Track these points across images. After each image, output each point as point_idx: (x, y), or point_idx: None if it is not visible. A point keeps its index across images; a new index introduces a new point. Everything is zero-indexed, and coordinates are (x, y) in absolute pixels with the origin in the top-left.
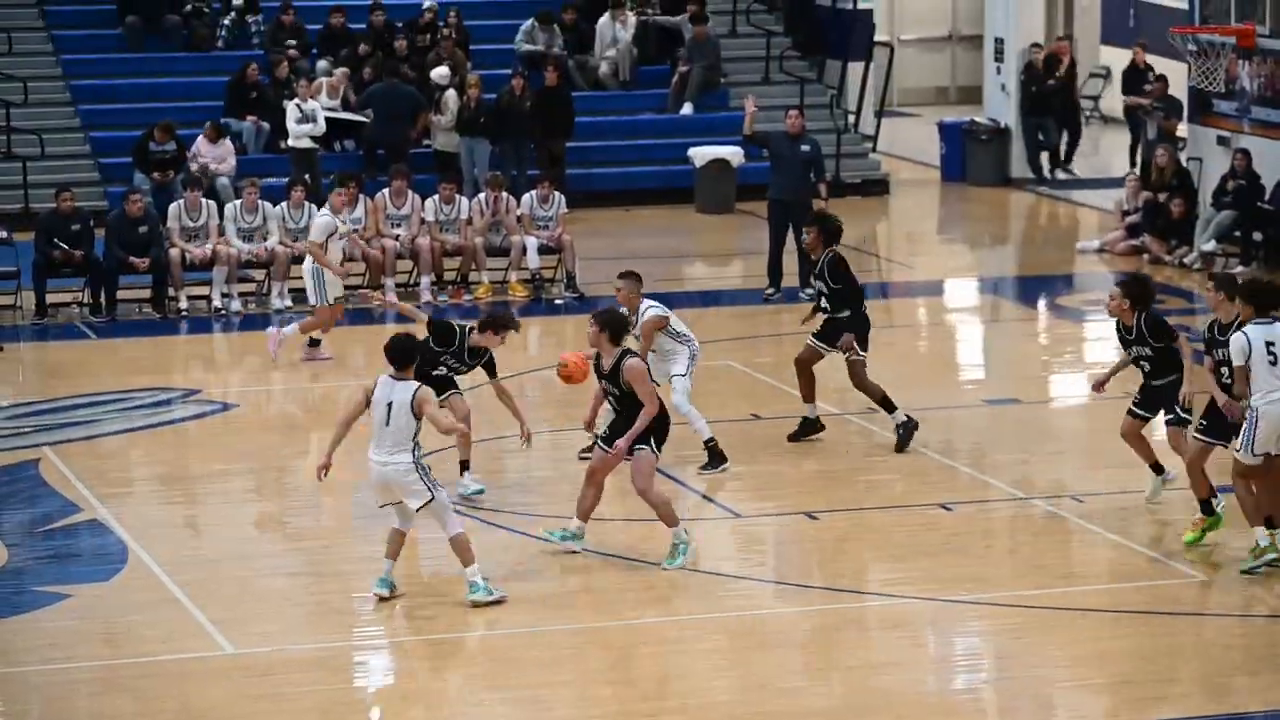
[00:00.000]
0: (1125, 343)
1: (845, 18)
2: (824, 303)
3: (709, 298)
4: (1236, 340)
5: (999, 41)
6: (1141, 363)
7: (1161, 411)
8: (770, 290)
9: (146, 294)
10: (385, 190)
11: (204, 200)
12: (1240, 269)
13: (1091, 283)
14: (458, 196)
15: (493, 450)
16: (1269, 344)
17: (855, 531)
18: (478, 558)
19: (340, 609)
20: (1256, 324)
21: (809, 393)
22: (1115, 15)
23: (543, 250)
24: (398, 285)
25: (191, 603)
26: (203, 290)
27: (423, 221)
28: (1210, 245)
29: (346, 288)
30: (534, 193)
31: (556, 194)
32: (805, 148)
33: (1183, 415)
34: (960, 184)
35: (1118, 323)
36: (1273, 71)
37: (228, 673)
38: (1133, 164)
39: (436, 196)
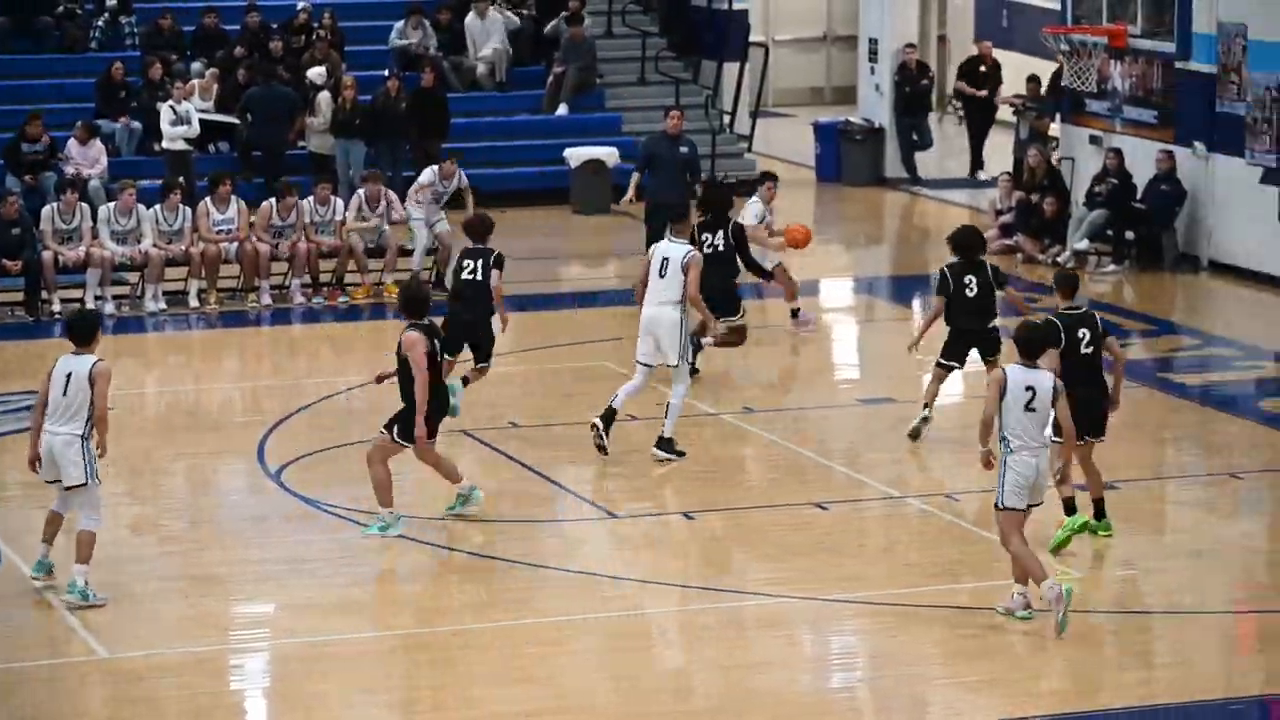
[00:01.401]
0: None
1: (721, 18)
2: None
3: (585, 299)
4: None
5: (873, 42)
6: None
7: None
8: None
9: (19, 297)
10: (273, 201)
11: (79, 203)
12: (1113, 268)
13: None
14: (333, 198)
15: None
16: (1028, 388)
17: (732, 531)
18: (368, 562)
19: (216, 612)
20: (1017, 365)
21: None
22: (988, 16)
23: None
24: (272, 288)
25: (64, 607)
26: (76, 293)
27: (305, 228)
28: (1083, 244)
29: (220, 290)
30: (436, 174)
31: (460, 172)
32: (683, 149)
33: None
34: (835, 184)
35: None
36: (1144, 71)
37: (101, 677)
38: (977, 164)
39: (312, 198)
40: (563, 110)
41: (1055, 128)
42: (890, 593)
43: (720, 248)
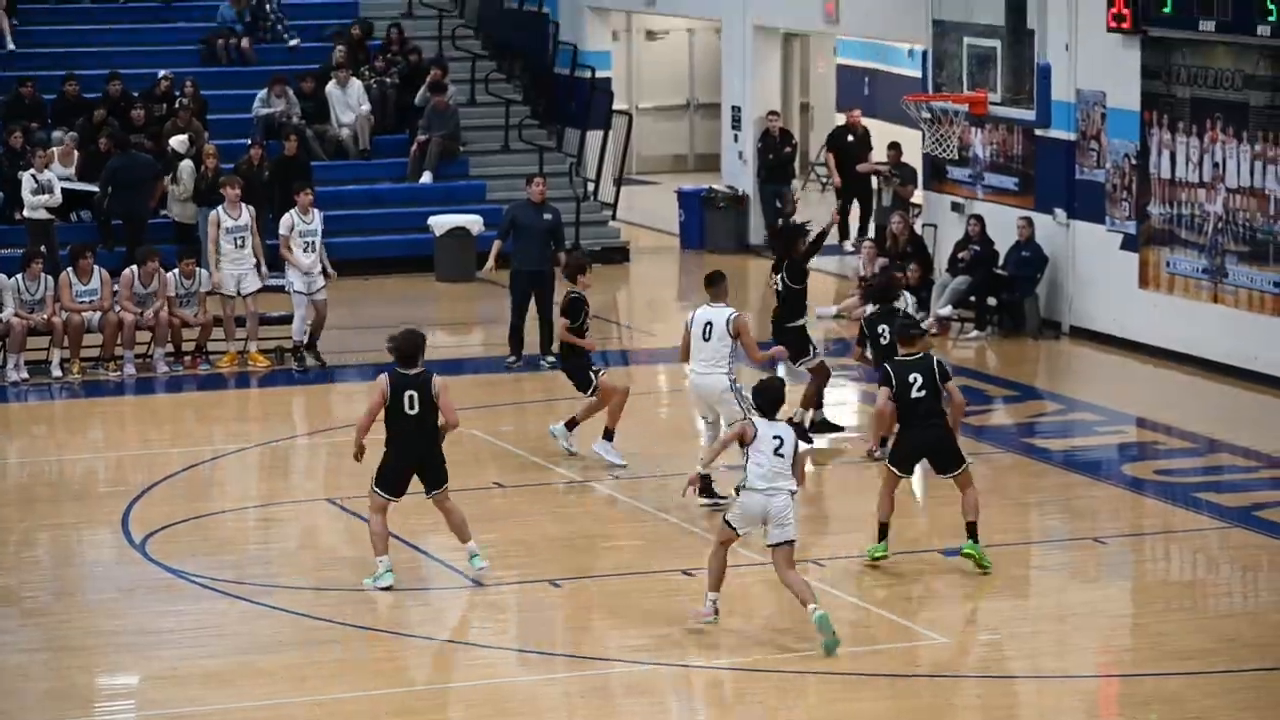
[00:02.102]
0: None
1: (584, 86)
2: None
3: (451, 366)
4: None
5: (736, 110)
6: None
7: None
8: (512, 359)
9: None
10: (134, 268)
11: None
12: (976, 334)
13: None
14: (198, 270)
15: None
16: (775, 435)
17: (598, 598)
18: (233, 632)
19: (81, 684)
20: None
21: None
22: (850, 84)
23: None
24: (135, 357)
25: None
26: None
27: (169, 300)
28: (946, 310)
29: (83, 359)
30: (294, 212)
31: (316, 211)
32: (547, 216)
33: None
34: (699, 251)
35: None
36: (1005, 139)
37: None
38: (844, 233)
39: (176, 271)
40: (427, 178)
41: (918, 195)
42: (756, 658)
43: (780, 288)
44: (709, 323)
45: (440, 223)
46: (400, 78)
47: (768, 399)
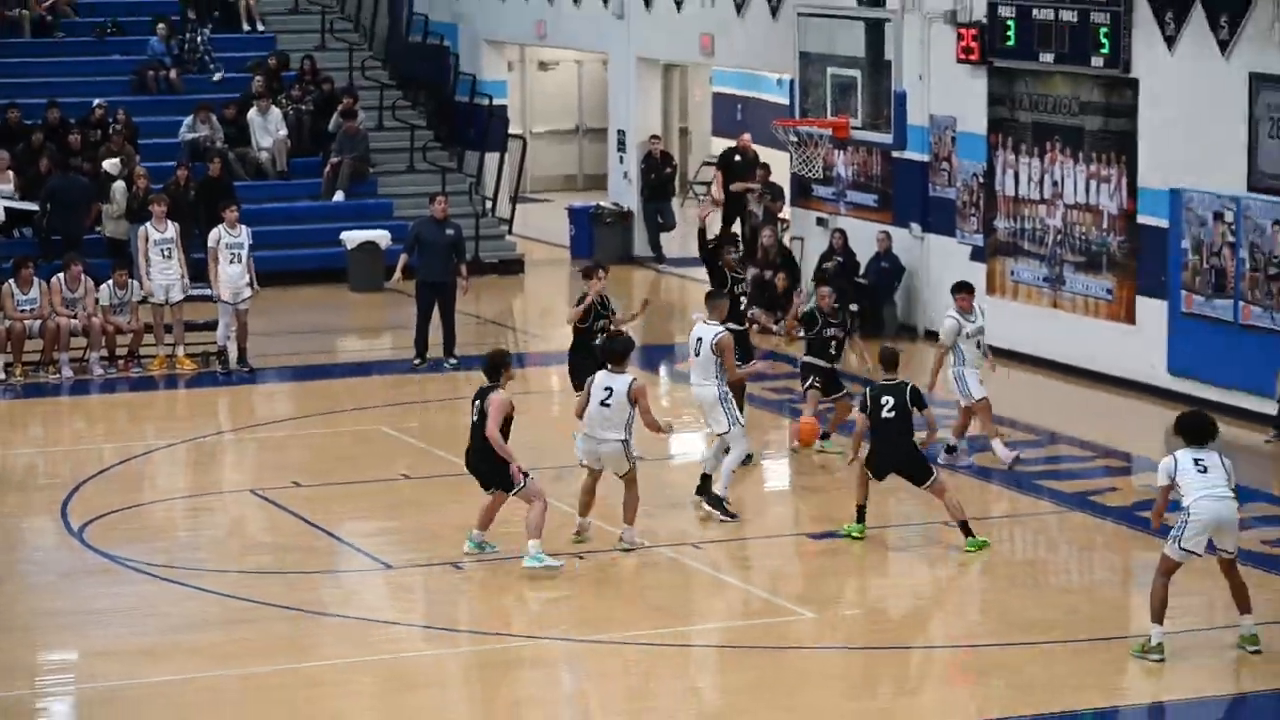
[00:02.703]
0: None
1: (482, 113)
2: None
3: (361, 368)
4: None
5: (621, 134)
6: None
7: None
8: (417, 360)
9: None
10: (61, 275)
11: None
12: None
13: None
14: (130, 281)
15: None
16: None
17: (498, 578)
18: (165, 612)
19: (23, 660)
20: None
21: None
22: (724, 110)
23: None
24: (71, 360)
25: None
26: None
27: (96, 302)
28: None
29: (27, 362)
30: (222, 226)
31: (244, 227)
32: (449, 231)
33: None
34: (588, 260)
35: None
36: (865, 160)
37: None
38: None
39: (110, 282)
40: (339, 197)
41: (786, 210)
42: (642, 634)
43: None
44: (699, 338)
45: (352, 237)
46: (314, 105)
47: (613, 350)
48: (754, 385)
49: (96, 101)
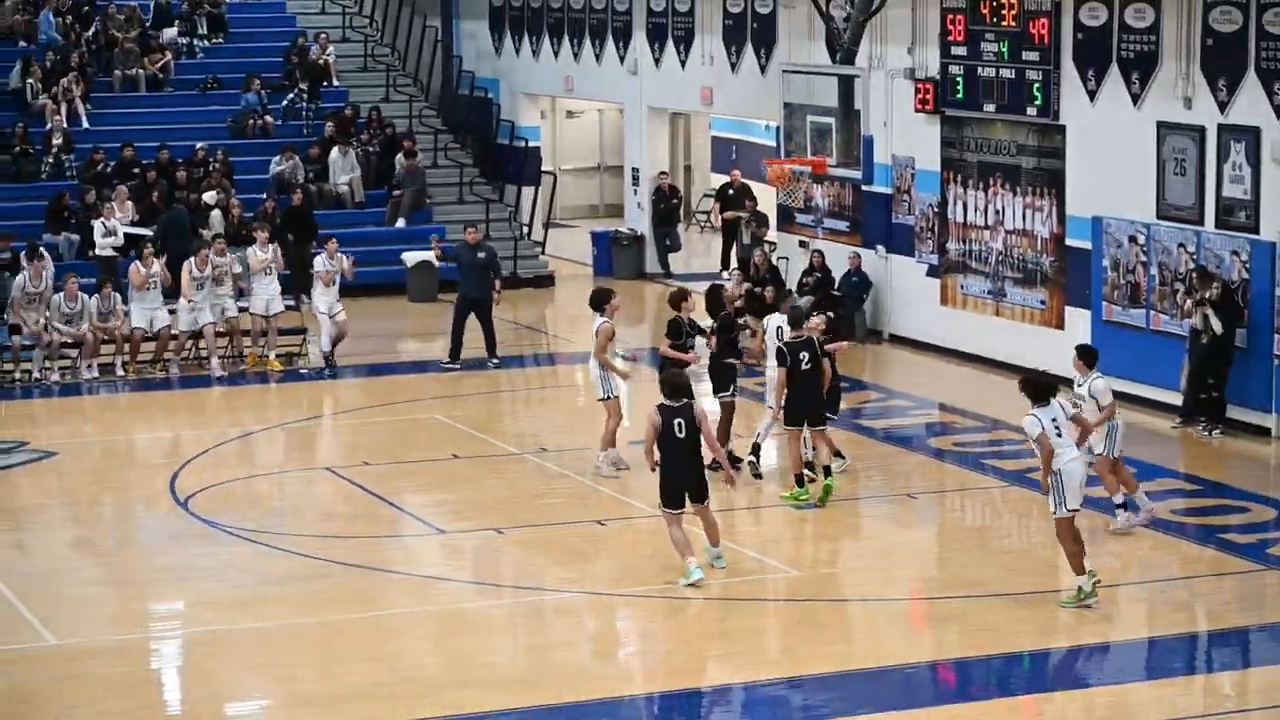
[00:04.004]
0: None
1: (519, 153)
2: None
3: (419, 366)
4: None
5: (635, 170)
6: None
7: None
8: (448, 362)
9: None
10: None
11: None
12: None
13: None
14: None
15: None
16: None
17: (534, 542)
18: (253, 569)
19: (136, 609)
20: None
21: None
22: (721, 149)
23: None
24: (187, 360)
25: (20, 601)
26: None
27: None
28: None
29: (139, 362)
30: (322, 255)
31: (341, 255)
32: (481, 254)
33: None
34: (608, 277)
35: None
36: (839, 193)
37: (47, 659)
38: (725, 264)
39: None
40: (401, 223)
41: (771, 234)
42: (652, 587)
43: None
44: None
45: (411, 257)
46: (380, 147)
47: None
48: (752, 383)
49: (199, 144)
